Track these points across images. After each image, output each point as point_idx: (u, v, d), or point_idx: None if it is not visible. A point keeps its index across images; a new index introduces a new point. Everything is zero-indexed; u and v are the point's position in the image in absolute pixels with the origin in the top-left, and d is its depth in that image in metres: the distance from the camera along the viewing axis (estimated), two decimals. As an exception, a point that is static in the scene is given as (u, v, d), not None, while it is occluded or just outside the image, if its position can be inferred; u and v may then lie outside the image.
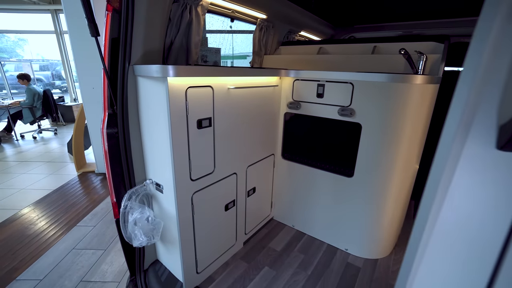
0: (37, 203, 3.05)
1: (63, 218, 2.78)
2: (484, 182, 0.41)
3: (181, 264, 1.16)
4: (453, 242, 0.45)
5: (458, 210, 0.44)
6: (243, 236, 1.55)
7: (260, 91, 1.39)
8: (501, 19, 0.34)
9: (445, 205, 0.44)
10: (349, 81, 1.28)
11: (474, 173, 0.41)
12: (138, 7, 1.02)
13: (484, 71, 0.36)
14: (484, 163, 0.40)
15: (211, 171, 1.19)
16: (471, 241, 0.43)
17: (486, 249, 0.42)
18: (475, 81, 0.37)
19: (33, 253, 2.24)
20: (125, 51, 1.04)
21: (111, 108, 1.11)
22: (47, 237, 2.45)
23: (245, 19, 1.90)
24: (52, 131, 5.85)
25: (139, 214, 1.09)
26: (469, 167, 0.41)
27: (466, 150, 0.41)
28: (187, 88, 0.97)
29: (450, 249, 0.45)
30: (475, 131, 0.39)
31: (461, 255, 0.45)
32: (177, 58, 1.39)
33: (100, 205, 3.06)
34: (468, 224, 0.43)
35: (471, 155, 0.41)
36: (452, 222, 0.44)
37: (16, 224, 2.67)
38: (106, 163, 1.15)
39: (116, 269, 2.09)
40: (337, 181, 1.46)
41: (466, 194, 0.42)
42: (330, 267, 1.42)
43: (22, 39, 12.66)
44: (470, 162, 0.41)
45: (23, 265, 2.10)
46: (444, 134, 0.41)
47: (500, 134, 0.37)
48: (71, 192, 3.35)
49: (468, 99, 0.38)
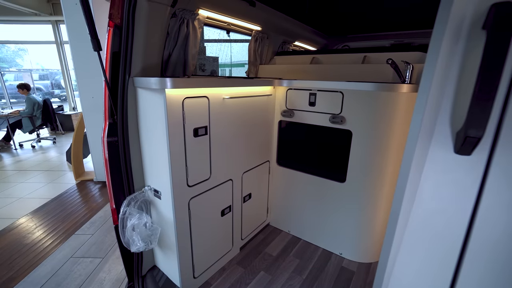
0: (35, 212, 3.06)
1: (61, 226, 2.79)
2: (447, 183, 0.46)
3: (178, 269, 1.19)
4: (423, 236, 0.50)
5: (426, 207, 0.48)
6: (240, 242, 1.58)
7: (255, 100, 1.45)
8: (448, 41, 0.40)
9: (415, 203, 0.49)
10: (339, 90, 1.35)
11: (438, 174, 0.46)
12: (138, 23, 1.09)
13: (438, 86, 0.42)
14: (446, 165, 0.45)
15: (207, 177, 1.23)
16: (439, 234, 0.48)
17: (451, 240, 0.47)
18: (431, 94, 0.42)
19: (31, 262, 2.25)
20: (126, 64, 1.10)
21: (111, 118, 1.16)
22: (45, 246, 2.46)
23: (240, 31, 1.98)
24: (51, 140, 5.88)
25: (137, 220, 1.12)
26: (433, 169, 0.46)
27: (430, 154, 0.46)
28: (184, 99, 1.03)
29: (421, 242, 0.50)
30: (436, 138, 0.45)
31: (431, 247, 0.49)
32: (174, 70, 1.45)
33: (98, 213, 3.07)
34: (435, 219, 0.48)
35: (434, 159, 0.46)
36: (422, 218, 0.49)
37: (14, 233, 2.68)
38: (106, 170, 1.19)
39: (114, 277, 2.10)
40: (330, 187, 1.51)
41: (432, 194, 0.47)
42: (324, 271, 1.45)
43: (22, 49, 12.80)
44: (434, 164, 0.46)
45: (20, 274, 2.10)
46: (408, 140, 0.46)
47: (456, 140, 0.43)
48: (69, 200, 3.36)
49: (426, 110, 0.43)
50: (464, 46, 0.40)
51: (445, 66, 0.41)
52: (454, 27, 0.39)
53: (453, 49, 0.40)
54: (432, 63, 0.41)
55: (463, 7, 0.38)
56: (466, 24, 0.39)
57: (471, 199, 0.44)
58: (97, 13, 3.22)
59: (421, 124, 0.43)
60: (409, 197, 0.49)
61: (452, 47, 0.40)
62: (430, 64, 0.41)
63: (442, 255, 0.48)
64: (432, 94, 0.42)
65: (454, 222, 0.46)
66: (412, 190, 0.49)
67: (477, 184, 0.43)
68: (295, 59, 2.20)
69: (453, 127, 0.43)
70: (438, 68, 0.41)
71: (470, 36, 0.39)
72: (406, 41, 2.82)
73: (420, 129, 0.43)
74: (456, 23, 0.39)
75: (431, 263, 0.50)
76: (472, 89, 0.38)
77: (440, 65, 0.41)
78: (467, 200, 0.44)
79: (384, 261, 0.53)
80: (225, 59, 5.23)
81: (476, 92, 0.37)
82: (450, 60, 0.41)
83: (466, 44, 0.40)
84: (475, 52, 0.39)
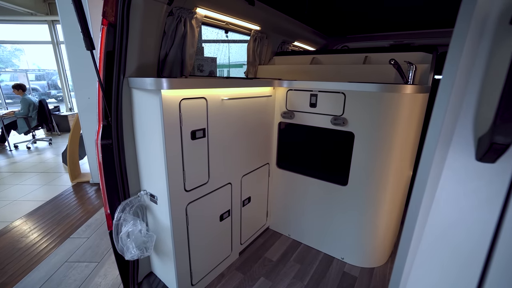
0: (29, 215, 3.00)
1: (56, 230, 2.73)
2: (467, 192, 0.42)
3: (176, 276, 1.14)
4: (441, 249, 0.46)
5: (444, 219, 0.45)
6: (239, 247, 1.53)
7: (254, 101, 1.40)
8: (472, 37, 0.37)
9: (432, 214, 0.45)
10: (341, 91, 1.31)
11: (457, 183, 0.43)
12: (133, 21, 1.04)
13: (460, 86, 0.38)
14: (466, 173, 0.41)
15: (206, 181, 1.19)
16: (457, 248, 0.44)
17: (472, 255, 0.43)
18: (452, 96, 0.39)
19: (24, 267, 2.19)
20: (120, 64, 1.05)
21: (105, 120, 1.12)
22: (39, 250, 2.40)
23: (239, 30, 1.94)
24: (47, 141, 5.80)
25: (132, 227, 1.08)
26: (452, 177, 0.43)
27: (448, 161, 0.42)
28: (181, 100, 0.99)
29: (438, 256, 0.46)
30: (455, 143, 0.41)
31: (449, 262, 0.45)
32: (171, 70, 1.41)
33: (94, 216, 3.01)
34: (454, 232, 0.44)
35: (453, 166, 0.42)
36: (439, 231, 0.45)
37: (7, 237, 2.61)
38: (100, 174, 1.15)
39: (109, 282, 2.05)
40: (332, 190, 1.47)
41: (451, 203, 0.44)
42: (326, 277, 1.41)
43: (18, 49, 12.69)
44: (452, 172, 0.42)
45: (13, 280, 2.04)
46: (426, 146, 0.42)
47: (479, 146, 0.39)
48: (64, 203, 3.30)
49: (446, 113, 0.39)
50: (489, 43, 0.36)
51: (468, 65, 0.38)
52: (478, 23, 0.36)
53: (477, 46, 0.37)
54: (455, 62, 0.37)
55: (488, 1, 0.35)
56: (492, 19, 0.35)
57: (495, 210, 0.40)
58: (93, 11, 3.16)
59: (442, 128, 0.39)
60: (426, 207, 0.45)
61: (476, 44, 0.37)
62: (452, 63, 0.37)
63: (461, 270, 0.44)
64: (454, 95, 0.38)
65: (475, 235, 0.42)
66: (429, 199, 0.45)
67: (502, 194, 0.39)
68: (295, 59, 2.17)
69: (475, 132, 0.39)
70: (460, 67, 0.38)
71: (496, 32, 0.35)
72: (406, 42, 2.80)
73: (440, 134, 0.40)
74: (480, 18, 0.35)
75: (449, 278, 0.46)
76: (500, 90, 0.34)
77: (463, 64, 0.37)
78: (490, 211, 0.40)
79: (397, 277, 0.49)
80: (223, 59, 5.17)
81: (505, 93, 0.33)
82: (474, 59, 0.37)
83: (492, 41, 0.36)
84: (502, 50, 0.35)
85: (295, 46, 2.77)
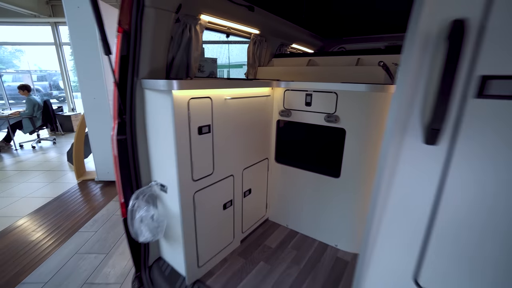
0: (38, 210, 3.12)
1: (65, 224, 2.85)
2: (418, 166, 0.55)
3: (184, 258, 1.27)
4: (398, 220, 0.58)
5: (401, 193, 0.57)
6: (240, 235, 1.66)
7: (254, 100, 1.53)
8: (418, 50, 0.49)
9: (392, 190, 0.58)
10: (333, 91, 1.44)
11: (410, 160, 0.55)
12: (145, 28, 1.17)
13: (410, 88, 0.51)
14: (417, 154, 0.54)
15: (211, 172, 1.31)
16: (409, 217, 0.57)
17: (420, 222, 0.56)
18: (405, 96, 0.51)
19: (37, 258, 2.31)
20: (134, 67, 1.18)
21: (120, 117, 1.24)
22: (50, 243, 2.52)
23: (240, 34, 2.07)
24: (51, 140, 5.92)
25: (145, 212, 1.20)
26: (407, 158, 0.55)
27: (404, 145, 0.55)
28: (189, 99, 1.11)
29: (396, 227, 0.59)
30: (409, 131, 0.54)
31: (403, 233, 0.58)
32: (178, 72, 1.53)
33: (100, 211, 3.13)
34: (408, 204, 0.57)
35: (408, 149, 0.55)
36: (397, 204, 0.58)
37: (19, 231, 2.74)
38: (115, 167, 1.27)
39: (118, 272, 2.18)
40: (326, 182, 1.60)
41: (406, 180, 0.56)
42: (321, 262, 1.53)
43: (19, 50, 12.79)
44: (407, 154, 0.55)
45: (28, 269, 2.17)
46: (385, 134, 0.55)
47: (425, 132, 0.51)
48: (71, 199, 3.42)
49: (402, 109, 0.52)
50: (430, 55, 0.49)
51: (416, 71, 0.50)
52: (423, 39, 0.48)
53: (422, 57, 0.49)
54: (406, 68, 0.50)
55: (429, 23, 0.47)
56: (433, 36, 0.48)
57: (436, 179, 0.52)
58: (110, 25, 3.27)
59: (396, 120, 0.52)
60: (387, 184, 0.58)
61: (421, 55, 0.49)
62: (404, 69, 0.50)
63: (411, 236, 0.57)
64: (406, 94, 0.51)
65: (422, 204, 0.55)
66: (390, 178, 0.57)
67: (440, 166, 0.52)
68: (292, 61, 2.29)
69: (422, 122, 0.52)
70: (410, 73, 0.50)
71: (435, 47, 0.48)
72: (400, 43, 2.93)
73: (396, 125, 0.52)
74: (424, 35, 0.48)
75: (403, 245, 0.58)
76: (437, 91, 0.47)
77: (412, 70, 0.50)
78: (431, 183, 0.53)
79: (364, 247, 0.62)
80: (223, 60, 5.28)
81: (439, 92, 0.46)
82: (420, 66, 0.50)
83: (432, 54, 0.48)
84: (437, 60, 0.48)
85: (293, 48, 2.89)
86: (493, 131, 0.45)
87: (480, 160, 0.47)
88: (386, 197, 0.59)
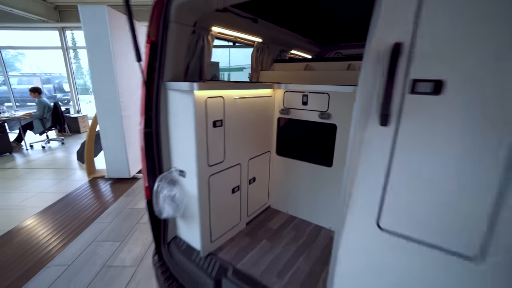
0: (55, 204, 3.34)
1: (81, 215, 3.07)
2: (374, 141, 0.78)
3: (200, 233, 1.50)
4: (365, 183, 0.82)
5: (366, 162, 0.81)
6: (246, 218, 1.89)
7: (258, 100, 1.78)
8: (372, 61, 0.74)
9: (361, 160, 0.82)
10: (326, 92, 1.68)
11: (370, 138, 0.79)
12: (169, 40, 1.41)
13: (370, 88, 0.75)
14: (375, 132, 0.78)
15: (222, 160, 1.55)
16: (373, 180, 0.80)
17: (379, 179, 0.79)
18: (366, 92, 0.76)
19: (59, 244, 2.54)
20: (159, 72, 1.42)
21: (147, 114, 1.48)
22: (69, 232, 2.74)
23: (244, 42, 2.32)
24: (59, 141, 6.14)
25: (167, 192, 1.44)
26: (372, 138, 0.79)
27: (369, 128, 0.79)
28: (207, 98, 1.35)
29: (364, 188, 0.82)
30: (372, 117, 0.77)
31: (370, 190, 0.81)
32: (193, 75, 1.78)
33: (112, 205, 3.35)
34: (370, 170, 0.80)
35: (370, 130, 0.79)
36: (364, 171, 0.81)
37: (40, 222, 2.96)
38: (142, 155, 1.51)
39: (133, 256, 2.40)
40: (320, 171, 1.83)
41: (368, 154, 0.80)
42: (316, 241, 1.76)
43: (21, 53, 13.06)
44: (372, 135, 0.79)
45: (51, 254, 2.39)
46: (354, 118, 0.79)
47: (380, 117, 0.75)
48: (84, 194, 3.64)
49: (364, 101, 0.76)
50: (381, 64, 0.73)
51: (372, 75, 0.75)
52: (375, 55, 0.73)
53: (375, 66, 0.74)
54: (365, 73, 0.74)
55: (379, 44, 0.72)
56: (381, 52, 0.72)
57: (388, 150, 0.76)
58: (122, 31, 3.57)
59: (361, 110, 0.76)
60: (357, 155, 0.82)
61: (375, 65, 0.74)
62: (364, 74, 0.74)
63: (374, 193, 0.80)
64: (366, 91, 0.75)
65: (381, 167, 0.79)
66: (358, 152, 0.81)
67: (390, 142, 0.76)
68: (291, 66, 2.54)
69: (378, 110, 0.76)
70: (368, 76, 0.75)
71: (383, 60, 0.72)
72: None
73: (361, 113, 0.76)
74: (376, 52, 0.73)
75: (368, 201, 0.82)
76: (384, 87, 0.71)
77: (369, 75, 0.75)
78: (386, 151, 0.77)
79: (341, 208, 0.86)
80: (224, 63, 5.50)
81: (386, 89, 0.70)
82: (374, 72, 0.74)
83: (382, 63, 0.73)
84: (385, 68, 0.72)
85: (292, 53, 3.15)
86: (420, 114, 0.69)
87: (414, 134, 0.71)
88: (355, 167, 0.83)
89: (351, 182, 0.85)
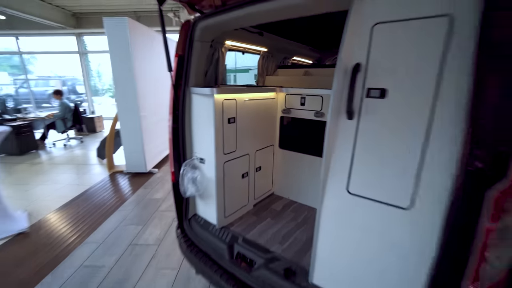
0: (82, 194, 3.74)
1: (106, 204, 3.47)
2: (345, 134, 1.12)
3: (216, 209, 1.85)
4: (338, 163, 1.16)
5: (338, 147, 1.15)
6: (253, 200, 2.24)
7: (264, 101, 2.13)
8: (342, 74, 1.09)
9: (336, 145, 1.16)
10: (319, 95, 2.03)
11: (342, 130, 1.13)
12: (193, 54, 1.78)
13: (340, 92, 1.10)
14: (345, 126, 1.12)
15: (234, 149, 1.91)
16: (343, 160, 1.14)
17: (347, 158, 1.13)
18: (338, 93, 1.10)
19: (91, 226, 2.93)
20: (185, 79, 1.79)
21: (174, 112, 1.85)
22: (98, 217, 3.13)
23: (252, 52, 2.68)
24: (79, 139, 6.60)
25: (191, 175, 1.80)
26: (342, 129, 1.13)
27: (340, 121, 1.13)
28: (223, 100, 1.71)
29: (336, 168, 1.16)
30: (342, 113, 1.12)
31: (341, 168, 1.16)
32: (210, 81, 2.14)
33: (132, 196, 3.74)
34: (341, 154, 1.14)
35: (340, 124, 1.13)
36: (337, 153, 1.16)
37: (71, 208, 3.36)
38: (170, 146, 1.88)
39: (155, 237, 2.77)
40: (315, 161, 2.17)
41: (340, 143, 1.14)
42: (311, 219, 2.10)
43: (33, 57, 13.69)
44: (341, 127, 1.13)
45: (85, 235, 2.77)
46: (329, 115, 1.13)
47: (347, 113, 1.10)
48: (107, 187, 4.04)
49: (336, 101, 1.11)
50: (348, 77, 1.08)
51: (341, 84, 1.10)
52: (343, 70, 1.08)
53: (343, 78, 1.09)
54: (337, 82, 1.09)
55: (345, 63, 1.06)
56: (348, 69, 1.07)
57: (352, 138, 1.11)
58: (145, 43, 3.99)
59: (334, 107, 1.11)
60: (332, 142, 1.16)
61: (343, 77, 1.09)
62: (335, 83, 1.09)
63: (344, 168, 1.15)
64: (338, 95, 1.10)
65: (347, 149, 1.13)
66: (333, 140, 1.16)
67: (353, 130, 1.10)
68: (293, 71, 2.89)
69: (345, 108, 1.10)
70: (339, 84, 1.10)
71: (348, 74, 1.07)
72: None
73: (333, 110, 1.11)
74: (343, 68, 1.07)
75: (340, 175, 1.16)
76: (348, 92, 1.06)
77: (339, 83, 1.10)
78: (351, 138, 1.11)
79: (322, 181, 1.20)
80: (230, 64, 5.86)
81: (349, 93, 1.05)
82: (343, 81, 1.09)
83: (348, 77, 1.08)
84: (349, 79, 1.07)
85: (294, 60, 3.50)
86: (373, 111, 1.04)
87: (369, 124, 1.06)
88: (332, 150, 1.17)
89: (328, 160, 1.19)
